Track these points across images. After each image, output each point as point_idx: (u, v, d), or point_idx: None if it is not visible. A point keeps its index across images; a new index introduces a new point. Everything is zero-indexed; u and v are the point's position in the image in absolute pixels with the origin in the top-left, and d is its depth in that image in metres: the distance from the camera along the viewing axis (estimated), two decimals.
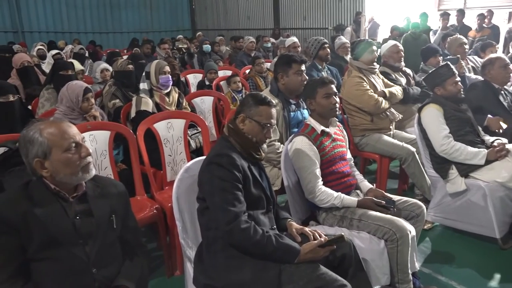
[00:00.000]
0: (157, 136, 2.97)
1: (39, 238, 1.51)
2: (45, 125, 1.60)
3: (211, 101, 4.18)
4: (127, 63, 4.05)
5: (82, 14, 13.91)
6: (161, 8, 15.53)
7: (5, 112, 2.71)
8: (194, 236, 2.12)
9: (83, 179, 1.63)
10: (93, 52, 8.81)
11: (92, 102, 3.08)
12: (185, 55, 7.36)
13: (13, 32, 12.71)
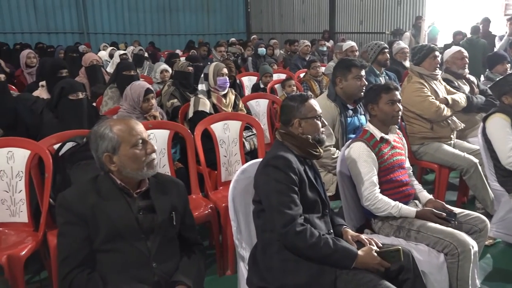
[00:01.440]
0: (213, 137, 3.02)
1: (105, 230, 1.59)
2: (115, 121, 1.68)
3: (266, 104, 4.20)
4: (187, 65, 4.16)
5: (142, 17, 14.48)
6: (217, 11, 15.84)
7: (74, 109, 2.86)
8: (248, 237, 2.14)
9: (147, 175, 1.70)
10: (152, 54, 9.11)
11: (153, 103, 3.19)
12: (239, 59, 7.44)
13: (79, 33, 13.46)
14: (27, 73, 5.51)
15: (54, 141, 2.53)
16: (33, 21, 12.82)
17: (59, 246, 1.61)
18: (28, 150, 2.42)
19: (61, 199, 1.63)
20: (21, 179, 2.43)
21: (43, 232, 2.34)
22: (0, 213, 2.42)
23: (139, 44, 10.37)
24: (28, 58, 5.50)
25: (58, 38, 13.04)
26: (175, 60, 5.72)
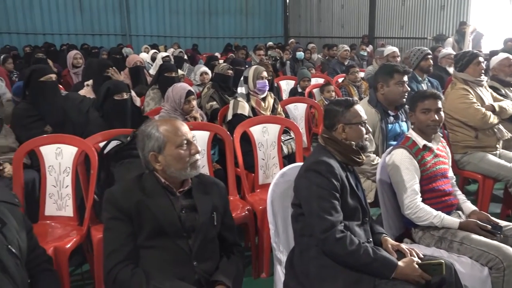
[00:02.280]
0: (252, 140, 3.05)
1: (149, 227, 1.64)
2: (162, 122, 1.73)
3: (304, 108, 4.20)
4: (227, 68, 4.21)
5: (182, 20, 14.77)
6: (256, 15, 15.95)
7: (118, 109, 2.95)
8: (286, 240, 2.14)
9: (190, 175, 1.73)
10: (191, 56, 9.28)
11: (193, 105, 3.24)
12: (277, 63, 7.46)
13: (122, 35, 13.87)
14: (73, 73, 5.72)
15: (99, 139, 2.62)
16: (79, 23, 13.33)
17: (105, 241, 1.67)
18: (76, 147, 2.52)
19: (108, 195, 1.69)
20: (68, 175, 2.53)
21: (87, 227, 2.42)
22: (48, 206, 2.53)
23: (178, 47, 10.58)
24: (74, 58, 5.71)
25: (101, 39, 13.50)
26: (215, 63, 5.81)
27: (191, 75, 6.46)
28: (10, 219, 1.43)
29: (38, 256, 1.60)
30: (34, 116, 3.08)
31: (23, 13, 12.54)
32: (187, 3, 14.77)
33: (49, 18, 12.89)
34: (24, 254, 1.47)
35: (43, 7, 12.76)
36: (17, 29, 12.58)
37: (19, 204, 1.49)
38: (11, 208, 1.46)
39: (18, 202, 1.50)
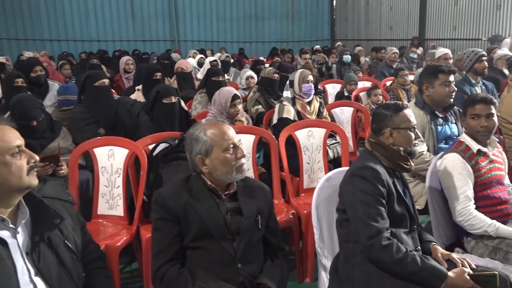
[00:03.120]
0: (297, 144, 3.04)
1: (195, 228, 1.67)
2: (209, 125, 1.77)
3: (351, 112, 4.13)
4: (273, 72, 4.22)
5: (229, 25, 15.00)
6: (302, 19, 15.91)
7: (167, 112, 3.04)
8: (331, 245, 2.12)
9: (236, 178, 1.76)
10: (238, 60, 9.39)
11: (239, 108, 3.29)
12: (323, 66, 7.39)
13: (171, 41, 14.28)
14: (125, 78, 5.95)
15: (149, 141, 2.71)
16: (131, 30, 13.86)
17: (153, 240, 1.72)
18: (127, 149, 2.62)
19: (157, 196, 1.74)
20: (119, 176, 2.63)
21: (136, 226, 2.51)
22: (100, 205, 2.64)
23: (225, 51, 10.74)
24: (126, 64, 5.95)
25: (152, 45, 13.95)
26: (260, 67, 5.85)
27: (237, 79, 6.54)
28: (66, 216, 1.50)
29: (92, 252, 1.67)
30: (88, 119, 3.22)
31: (79, 22, 13.22)
32: (234, 8, 14.99)
33: (103, 26, 13.50)
34: (79, 249, 1.53)
35: (98, 16, 13.39)
36: (74, 36, 13.26)
37: (73, 202, 1.56)
38: (66, 205, 1.54)
39: (72, 199, 1.57)
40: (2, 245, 1.31)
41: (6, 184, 1.34)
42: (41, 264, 1.37)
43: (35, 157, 1.40)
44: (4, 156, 1.33)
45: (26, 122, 2.73)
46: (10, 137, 1.37)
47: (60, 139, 2.92)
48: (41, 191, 1.48)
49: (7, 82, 3.90)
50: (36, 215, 1.41)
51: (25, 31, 12.73)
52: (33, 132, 2.77)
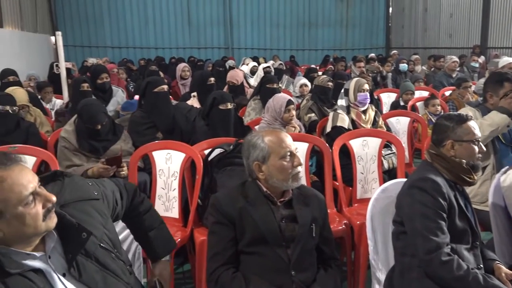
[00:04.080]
0: (351, 153, 3.00)
1: (250, 233, 1.70)
2: (267, 132, 1.79)
3: (407, 122, 4.02)
4: (328, 80, 4.20)
5: (282, 33, 15.09)
6: (357, 26, 15.70)
7: (223, 118, 3.10)
8: (385, 258, 2.07)
9: (291, 186, 1.76)
10: (290, 68, 9.42)
11: (293, 114, 3.30)
12: (378, 76, 7.23)
13: (225, 48, 14.59)
14: (181, 84, 6.13)
15: (205, 146, 2.78)
16: (187, 38, 14.32)
17: (209, 243, 1.77)
18: (184, 153, 2.70)
19: (214, 200, 1.78)
20: (175, 179, 2.71)
21: (190, 229, 2.57)
22: (157, 207, 2.73)
23: (278, 59, 10.81)
24: (182, 71, 6.12)
25: (206, 52, 14.32)
26: (314, 75, 5.83)
27: (289, 87, 6.56)
28: (95, 215, 1.43)
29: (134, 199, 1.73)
30: (147, 123, 3.36)
31: (139, 30, 13.85)
32: (287, 16, 15.06)
33: (161, 33, 14.05)
34: (116, 243, 1.50)
35: (156, 24, 13.95)
36: (134, 43, 13.89)
37: (98, 197, 1.50)
38: (93, 203, 1.47)
39: (97, 195, 1.50)
40: (37, 274, 1.23)
41: (21, 236, 1.20)
42: (84, 277, 1.31)
43: (51, 199, 1.24)
44: (17, 209, 1.16)
45: (92, 126, 2.89)
46: (21, 185, 1.17)
47: (122, 142, 3.06)
48: (62, 198, 1.36)
49: (74, 86, 4.15)
50: (63, 233, 1.31)
51: (89, 38, 13.52)
52: (97, 135, 2.93)
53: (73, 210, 1.36)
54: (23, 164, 1.21)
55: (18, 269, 1.18)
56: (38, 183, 1.23)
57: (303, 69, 9.25)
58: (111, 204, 1.58)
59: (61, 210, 1.30)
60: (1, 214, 1.13)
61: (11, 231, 1.17)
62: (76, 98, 3.82)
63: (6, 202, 1.13)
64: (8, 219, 1.15)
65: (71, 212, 1.34)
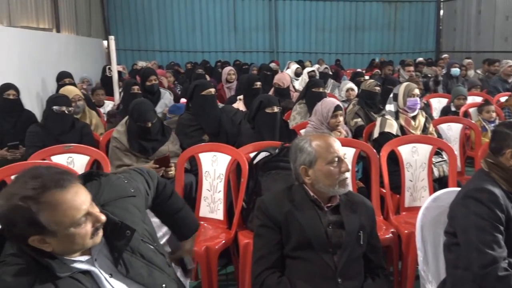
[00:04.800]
0: (400, 159, 2.91)
1: (296, 238, 1.68)
2: (315, 137, 1.77)
3: (459, 128, 3.86)
4: (375, 85, 4.12)
5: (328, 36, 14.93)
6: (405, 29, 15.27)
7: (269, 122, 3.10)
8: (436, 270, 1.99)
9: (338, 192, 1.74)
10: (335, 72, 9.31)
11: (340, 120, 3.26)
12: (430, 80, 6.99)
13: (270, 52, 14.63)
14: (227, 88, 6.20)
15: (250, 149, 2.79)
16: (232, 42, 14.48)
17: (255, 246, 1.77)
18: (229, 156, 2.72)
19: (260, 203, 1.78)
20: (221, 181, 2.74)
21: (234, 231, 2.59)
22: (202, 208, 2.78)
23: (323, 63, 10.71)
24: (228, 74, 6.19)
25: (251, 56, 14.41)
26: (360, 79, 5.73)
27: (335, 91, 6.48)
28: (134, 211, 1.47)
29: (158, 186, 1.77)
30: (194, 126, 3.42)
31: (186, 34, 14.18)
32: (334, 20, 14.89)
33: (208, 37, 14.30)
34: (154, 236, 1.54)
35: (203, 29, 14.22)
36: (181, 47, 14.23)
37: (135, 194, 1.52)
38: (131, 200, 1.49)
39: (134, 192, 1.53)
40: (85, 275, 1.27)
41: (69, 251, 1.25)
42: (131, 273, 1.35)
43: (101, 219, 1.26)
44: (68, 230, 1.19)
45: (143, 124, 2.99)
46: (75, 209, 1.19)
47: (170, 143, 3.13)
48: (101, 197, 1.39)
49: (125, 89, 4.31)
50: (107, 232, 1.33)
51: (139, 42, 13.98)
52: (148, 133, 3.02)
53: (114, 208, 1.39)
54: (79, 184, 1.23)
55: (68, 272, 1.23)
56: (91, 201, 1.25)
57: (349, 73, 9.11)
58: (144, 198, 1.61)
59: (103, 210, 1.33)
60: (53, 233, 1.17)
61: (60, 247, 1.22)
62: (127, 100, 3.96)
63: (59, 225, 1.17)
64: (59, 237, 1.19)
65: (112, 211, 1.37)
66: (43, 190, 1.14)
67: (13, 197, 1.13)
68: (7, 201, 1.14)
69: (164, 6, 13.91)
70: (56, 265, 1.21)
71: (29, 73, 6.52)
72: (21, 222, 1.14)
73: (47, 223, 1.15)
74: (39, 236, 1.17)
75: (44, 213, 1.14)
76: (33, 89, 6.70)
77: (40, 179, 1.15)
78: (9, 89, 4.00)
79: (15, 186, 1.16)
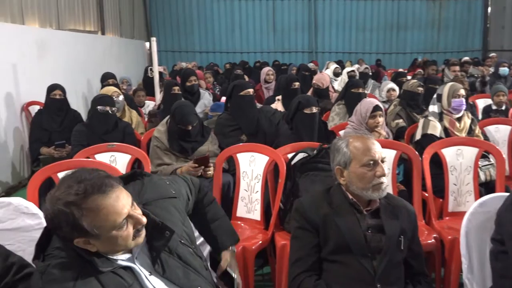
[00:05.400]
0: (443, 162, 2.81)
1: (334, 241, 1.65)
2: (354, 138, 1.74)
3: (508, 131, 3.68)
4: (417, 85, 4.00)
5: (369, 36, 14.66)
6: (450, 28, 14.74)
7: (308, 122, 3.08)
8: (481, 278, 1.90)
9: (372, 197, 1.69)
10: (375, 72, 9.12)
11: (379, 121, 3.18)
12: (477, 81, 6.70)
13: (308, 52, 14.54)
14: (265, 88, 6.21)
15: (288, 150, 2.77)
16: (271, 42, 14.51)
17: (292, 248, 1.75)
18: (267, 156, 2.72)
19: (298, 205, 1.76)
20: (258, 181, 2.74)
21: (271, 232, 2.58)
22: (240, 208, 2.79)
23: (364, 63, 10.52)
24: (267, 74, 6.20)
25: (290, 56, 14.38)
26: (402, 79, 5.58)
27: (375, 91, 6.35)
28: (175, 213, 1.49)
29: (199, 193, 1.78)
30: (233, 126, 3.44)
31: (226, 35, 14.35)
32: (375, 19, 14.60)
33: (247, 38, 14.40)
34: (193, 239, 1.56)
35: (242, 29, 14.34)
36: (220, 48, 14.41)
37: (176, 195, 1.55)
38: (172, 201, 1.51)
39: (175, 193, 1.55)
40: (126, 271, 1.31)
41: (111, 251, 1.29)
42: (167, 273, 1.37)
43: (142, 221, 1.29)
44: (110, 233, 1.23)
45: (184, 127, 3.03)
46: (116, 213, 1.22)
47: (209, 143, 3.16)
48: (143, 197, 1.43)
49: (165, 89, 4.39)
50: (147, 231, 1.35)
51: (179, 44, 14.28)
52: (188, 135, 3.06)
53: (155, 208, 1.42)
54: (120, 188, 1.25)
55: (109, 267, 1.27)
56: (132, 204, 1.28)
57: (390, 73, 8.90)
58: (185, 201, 1.63)
59: (144, 209, 1.36)
60: (96, 236, 1.21)
61: (104, 248, 1.27)
62: (168, 100, 4.05)
63: (101, 229, 1.21)
64: (102, 240, 1.23)
65: (153, 210, 1.40)
66: (84, 196, 1.18)
67: (57, 202, 1.18)
68: (52, 205, 1.19)
69: (204, 7, 14.13)
70: (99, 261, 1.26)
71: (75, 74, 6.80)
72: (65, 226, 1.19)
73: (90, 227, 1.19)
74: (84, 238, 1.22)
75: (86, 218, 1.18)
76: (79, 89, 6.99)
77: (83, 184, 1.19)
78: (56, 89, 4.18)
79: (59, 190, 1.20)
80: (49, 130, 4.10)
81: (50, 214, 1.19)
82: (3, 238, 1.61)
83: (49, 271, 1.20)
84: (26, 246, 1.65)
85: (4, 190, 4.75)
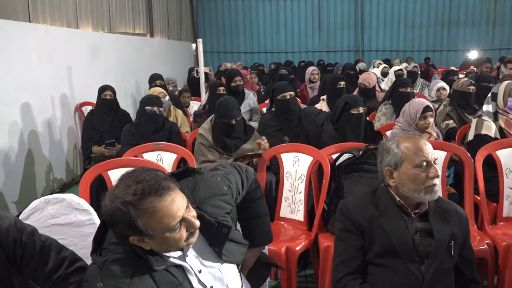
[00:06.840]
0: (498, 165, 2.67)
1: (380, 244, 1.61)
2: (404, 138, 1.69)
3: None
4: (469, 84, 3.82)
5: (418, 33, 14.18)
6: (506, 23, 13.95)
7: (354, 123, 3.00)
8: None
9: (424, 199, 1.63)
10: (425, 70, 8.82)
11: (429, 122, 3.06)
12: None
13: (355, 51, 14.29)
14: (309, 88, 6.16)
15: (333, 150, 2.73)
16: (316, 41, 14.38)
17: (336, 250, 1.72)
18: (311, 156, 2.69)
19: (343, 206, 1.73)
20: (302, 182, 2.72)
21: (315, 233, 2.55)
22: (283, 208, 2.78)
23: (412, 61, 10.21)
24: (312, 74, 6.14)
25: (335, 55, 14.20)
26: (453, 78, 5.36)
27: (424, 91, 6.13)
28: (226, 208, 1.53)
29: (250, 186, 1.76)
30: (276, 126, 3.45)
31: (271, 35, 14.40)
32: (424, 15, 14.10)
33: (291, 38, 14.37)
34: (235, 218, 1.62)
35: (287, 30, 14.33)
36: (265, 48, 14.46)
37: (227, 192, 1.56)
38: (224, 198, 1.53)
39: (226, 190, 1.57)
40: (178, 269, 1.35)
41: (163, 251, 1.33)
42: (232, 259, 1.46)
43: (195, 225, 1.30)
44: (164, 234, 1.25)
45: (227, 120, 3.07)
46: (170, 216, 1.24)
47: (252, 142, 3.18)
48: (197, 196, 1.46)
49: (211, 90, 4.47)
50: (205, 230, 1.40)
51: (225, 45, 14.48)
52: (232, 130, 3.09)
53: (209, 206, 1.45)
54: (176, 191, 1.28)
55: (163, 266, 1.31)
56: (187, 207, 1.30)
57: (440, 72, 8.57)
58: (235, 195, 1.65)
59: (200, 211, 1.40)
60: (151, 236, 1.25)
61: (157, 247, 1.30)
62: (213, 100, 4.10)
63: (155, 230, 1.24)
64: (155, 240, 1.26)
65: (207, 209, 1.44)
66: (142, 197, 1.21)
67: (116, 199, 1.22)
68: (110, 202, 1.23)
69: (249, 8, 14.23)
70: (153, 259, 1.30)
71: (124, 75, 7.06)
72: (122, 224, 1.23)
73: (145, 227, 1.22)
74: (138, 237, 1.26)
75: (142, 219, 1.21)
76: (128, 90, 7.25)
77: (141, 184, 1.22)
78: (106, 90, 4.35)
79: (119, 189, 1.24)
80: (100, 130, 4.27)
81: (108, 211, 1.24)
82: (57, 233, 1.69)
83: (108, 266, 1.25)
84: (77, 241, 1.73)
85: (58, 186, 5.00)
